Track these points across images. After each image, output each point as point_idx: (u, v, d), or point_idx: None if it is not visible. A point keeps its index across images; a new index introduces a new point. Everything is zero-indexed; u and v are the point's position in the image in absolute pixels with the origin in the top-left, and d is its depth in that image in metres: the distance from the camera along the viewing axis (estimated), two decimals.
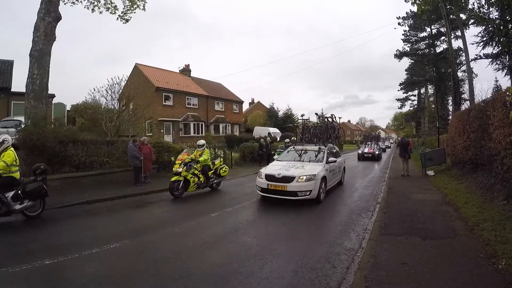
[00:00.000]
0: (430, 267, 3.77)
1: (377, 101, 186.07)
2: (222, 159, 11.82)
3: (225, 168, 10.88)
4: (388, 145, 50.75)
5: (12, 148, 6.30)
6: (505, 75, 22.16)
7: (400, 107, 50.63)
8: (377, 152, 24.77)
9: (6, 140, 6.20)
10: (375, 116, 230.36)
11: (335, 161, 9.38)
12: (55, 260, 4.13)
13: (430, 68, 36.11)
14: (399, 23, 38.61)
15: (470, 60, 21.30)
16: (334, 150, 10.67)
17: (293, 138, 17.47)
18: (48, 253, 4.34)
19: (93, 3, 13.22)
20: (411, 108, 48.88)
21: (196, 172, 9.29)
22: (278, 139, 27.20)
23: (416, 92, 47.22)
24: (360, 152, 25.59)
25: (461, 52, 29.57)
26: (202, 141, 10.36)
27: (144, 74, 29.49)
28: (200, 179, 9.41)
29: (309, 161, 8.94)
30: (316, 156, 9.23)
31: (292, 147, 10.43)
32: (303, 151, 9.65)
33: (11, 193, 6.00)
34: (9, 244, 4.89)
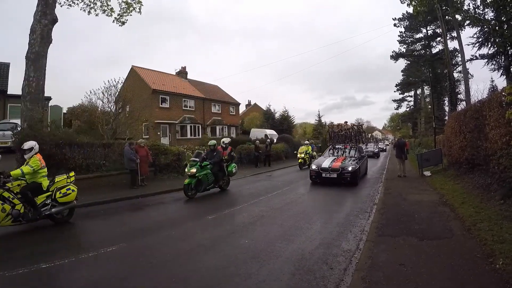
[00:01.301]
0: (428, 268, 3.77)
1: (374, 102, 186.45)
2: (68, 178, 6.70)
3: (72, 189, 6.41)
4: (383, 148, 39.39)
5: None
6: (500, 75, 22.34)
7: (397, 108, 51.00)
8: (350, 169, 11.20)
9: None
10: (372, 117, 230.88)
11: None
12: (52, 264, 4.09)
13: (426, 69, 36.28)
14: (395, 25, 38.86)
15: (466, 60, 21.48)
16: None
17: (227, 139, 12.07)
18: (44, 257, 4.30)
19: (89, 5, 13.19)
20: (408, 109, 49.12)
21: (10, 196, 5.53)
22: (275, 140, 27.10)
23: (412, 93, 47.49)
24: (313, 167, 12.01)
25: (457, 53, 29.84)
26: (28, 143, 6.11)
27: (140, 77, 29.38)
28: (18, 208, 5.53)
29: None
30: None
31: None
32: None
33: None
34: (5, 248, 4.85)
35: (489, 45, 20.99)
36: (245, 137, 31.94)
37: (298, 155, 18.66)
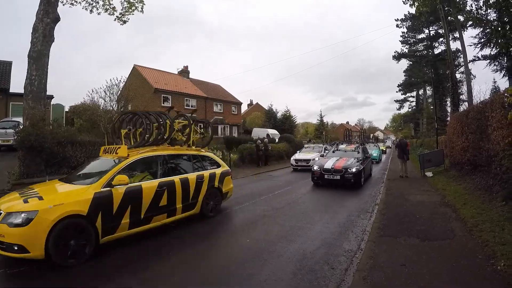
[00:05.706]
0: (429, 268, 3.77)
1: (375, 103, 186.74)
2: None
3: None
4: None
5: None
6: (503, 76, 22.37)
7: (399, 109, 51.03)
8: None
9: None
10: (373, 117, 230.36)
11: None
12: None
13: (429, 69, 36.21)
14: (397, 25, 38.87)
15: (468, 61, 21.45)
16: None
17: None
18: None
19: (91, 4, 13.20)
20: (410, 110, 49.13)
21: None
22: (277, 140, 27.07)
23: (414, 93, 47.46)
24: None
25: (459, 53, 29.83)
26: None
27: (142, 76, 29.41)
28: None
29: None
30: None
31: None
32: None
33: None
34: None
35: (492, 46, 20.99)
36: (247, 136, 31.97)
37: None
